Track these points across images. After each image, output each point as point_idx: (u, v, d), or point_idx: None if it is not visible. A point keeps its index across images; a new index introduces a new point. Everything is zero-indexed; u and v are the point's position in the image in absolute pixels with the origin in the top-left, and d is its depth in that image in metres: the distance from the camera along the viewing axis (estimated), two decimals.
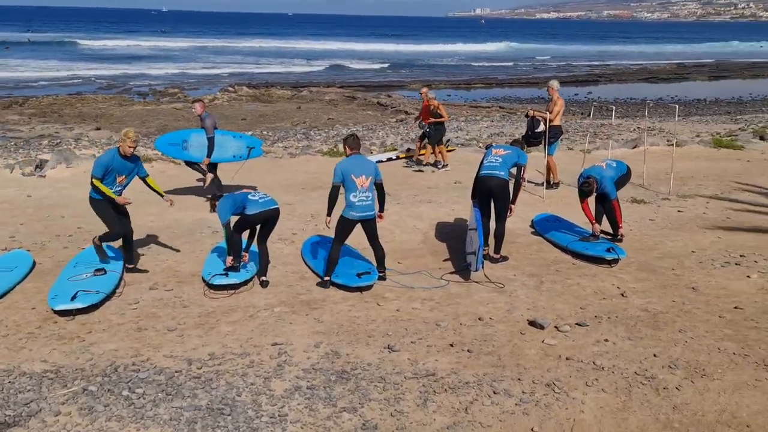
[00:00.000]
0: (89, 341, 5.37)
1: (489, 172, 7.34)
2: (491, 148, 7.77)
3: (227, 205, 6.68)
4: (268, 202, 6.78)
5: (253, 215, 6.69)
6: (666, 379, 4.80)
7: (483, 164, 7.48)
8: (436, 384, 4.82)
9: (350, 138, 6.84)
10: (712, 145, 14.59)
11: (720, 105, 29.02)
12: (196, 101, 10.50)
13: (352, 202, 6.61)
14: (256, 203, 6.70)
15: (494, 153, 7.51)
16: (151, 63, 45.49)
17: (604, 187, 7.75)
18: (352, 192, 6.58)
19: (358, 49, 63.86)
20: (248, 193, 6.82)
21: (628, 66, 52.30)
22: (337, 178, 6.62)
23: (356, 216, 6.68)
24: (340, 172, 6.61)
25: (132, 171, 6.92)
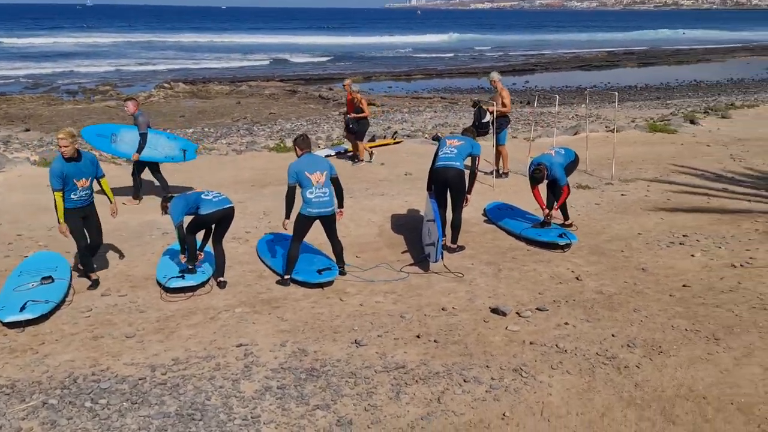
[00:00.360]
0: (43, 353, 5.14)
1: (445, 163, 7.42)
2: (445, 138, 7.83)
3: (180, 205, 6.52)
4: (223, 201, 6.65)
5: (208, 215, 6.54)
6: (626, 358, 4.99)
7: (438, 156, 7.54)
8: (407, 376, 4.85)
9: (300, 138, 6.84)
10: (648, 130, 15.18)
11: (650, 91, 30.20)
12: (128, 99, 10.15)
13: (309, 198, 6.58)
14: (210, 202, 6.55)
15: (449, 144, 7.58)
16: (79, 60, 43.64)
17: (554, 173, 7.95)
18: (308, 189, 6.56)
19: (297, 42, 63.01)
20: (201, 193, 6.67)
21: (562, 54, 53.72)
22: (291, 179, 6.60)
23: (314, 212, 6.64)
24: (294, 172, 6.60)
25: (90, 172, 6.54)
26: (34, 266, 6.68)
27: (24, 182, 10.68)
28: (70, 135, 6.31)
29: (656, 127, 15.29)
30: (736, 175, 11.00)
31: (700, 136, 14.60)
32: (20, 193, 10.06)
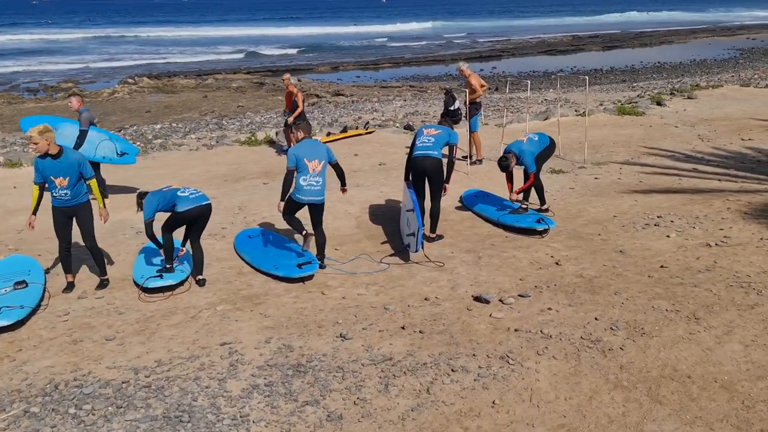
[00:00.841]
0: (21, 360, 5.01)
1: (423, 152, 7.40)
2: (422, 128, 7.80)
3: (153, 202, 6.39)
4: (200, 197, 6.53)
5: (184, 212, 6.42)
6: (610, 340, 5.06)
7: (416, 145, 7.51)
8: (395, 368, 4.85)
9: (303, 123, 6.92)
10: (616, 113, 15.37)
11: (615, 74, 30.59)
12: (72, 95, 9.82)
13: (301, 185, 6.69)
14: (186, 199, 6.43)
15: (426, 133, 7.55)
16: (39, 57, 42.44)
17: (522, 161, 7.99)
18: (303, 176, 6.67)
19: (266, 34, 61.89)
20: (178, 189, 6.53)
21: (528, 40, 54.03)
22: (291, 163, 6.71)
23: (304, 200, 6.72)
24: (294, 156, 6.70)
25: (72, 171, 6.11)
26: (6, 270, 6.49)
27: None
28: (39, 132, 6.04)
29: (624, 109, 15.49)
30: (705, 155, 11.22)
31: (667, 117, 14.84)
32: None
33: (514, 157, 8.01)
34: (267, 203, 9.32)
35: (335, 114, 20.06)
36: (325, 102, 24.41)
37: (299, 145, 6.85)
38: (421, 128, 7.79)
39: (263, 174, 11.25)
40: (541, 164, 8.22)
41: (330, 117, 19.29)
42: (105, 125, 20.18)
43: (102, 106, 24.41)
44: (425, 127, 7.80)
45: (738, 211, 8.05)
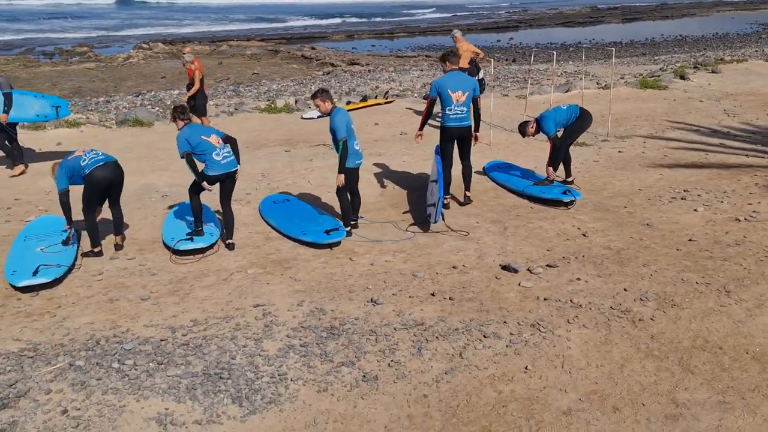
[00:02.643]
0: (61, 316, 5.12)
1: (457, 123, 7.36)
2: (448, 89, 7.25)
3: (191, 138, 6.35)
4: (230, 164, 6.55)
5: (214, 177, 6.47)
6: (640, 311, 5.10)
7: (447, 114, 7.34)
8: (427, 333, 4.92)
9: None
10: (639, 86, 15.19)
11: (635, 47, 30.14)
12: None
13: (356, 150, 6.86)
14: (218, 164, 6.46)
15: (455, 100, 7.27)
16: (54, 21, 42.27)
17: (541, 126, 7.96)
18: (354, 140, 6.84)
19: (278, 3, 61.12)
20: (214, 150, 6.45)
21: (545, 11, 53.21)
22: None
23: (357, 164, 6.94)
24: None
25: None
26: (38, 230, 6.59)
27: None
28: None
29: (647, 83, 15.31)
30: (731, 129, 11.11)
31: (691, 91, 14.66)
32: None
33: (535, 123, 8.00)
34: (290, 170, 9.36)
35: (352, 83, 19.97)
36: (340, 71, 24.26)
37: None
38: (446, 88, 7.26)
39: (285, 141, 11.27)
40: (573, 137, 8.14)
41: (347, 86, 19.21)
42: (121, 90, 20.20)
43: (117, 71, 24.41)
44: (451, 88, 7.26)
45: (766, 186, 8.00)
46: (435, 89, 7.32)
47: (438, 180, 7.08)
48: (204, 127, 6.78)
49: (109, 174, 6.17)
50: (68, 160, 6.20)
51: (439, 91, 7.30)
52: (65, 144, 10.82)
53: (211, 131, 6.57)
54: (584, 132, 8.36)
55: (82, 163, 6.07)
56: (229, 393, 4.18)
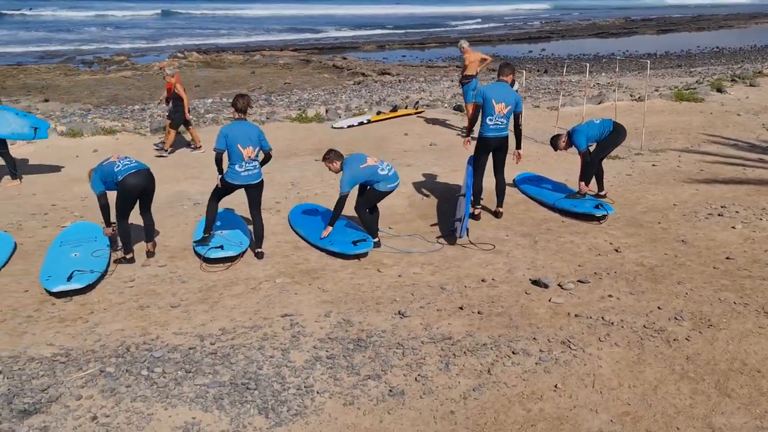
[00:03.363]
0: (93, 322, 5.20)
1: (497, 134, 7.33)
2: (491, 99, 7.20)
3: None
4: (251, 176, 6.57)
5: (230, 184, 6.51)
6: (675, 330, 4.97)
7: (487, 124, 7.29)
8: (454, 347, 4.86)
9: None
10: (674, 99, 14.93)
11: (670, 58, 29.64)
12: None
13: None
14: (237, 175, 6.49)
15: (497, 111, 7.21)
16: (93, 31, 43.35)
17: (573, 140, 7.87)
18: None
19: (329, 14, 61.34)
20: (239, 161, 6.49)
21: (578, 22, 52.77)
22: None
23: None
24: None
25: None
26: (74, 236, 6.72)
27: (53, 153, 10.71)
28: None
29: (682, 95, 15.03)
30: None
31: (729, 104, 14.35)
32: (51, 164, 10.10)
33: (567, 136, 7.92)
34: (319, 179, 9.39)
35: (382, 93, 20.01)
36: (371, 81, 24.34)
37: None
38: (491, 97, 7.20)
39: (315, 150, 11.32)
40: (605, 151, 8.04)
41: (377, 96, 19.25)
42: (156, 98, 20.57)
43: (153, 79, 24.85)
44: (495, 98, 7.20)
45: None
46: (480, 96, 7.29)
47: (466, 194, 7.04)
48: (245, 134, 6.40)
49: (141, 181, 6.26)
50: (103, 165, 6.32)
51: (483, 98, 7.26)
52: (101, 151, 11.04)
53: (249, 142, 6.40)
54: (618, 146, 8.24)
55: (116, 170, 6.18)
56: (256, 404, 4.18)
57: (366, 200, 6.90)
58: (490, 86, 7.38)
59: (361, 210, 6.89)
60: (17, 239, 6.89)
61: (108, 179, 6.20)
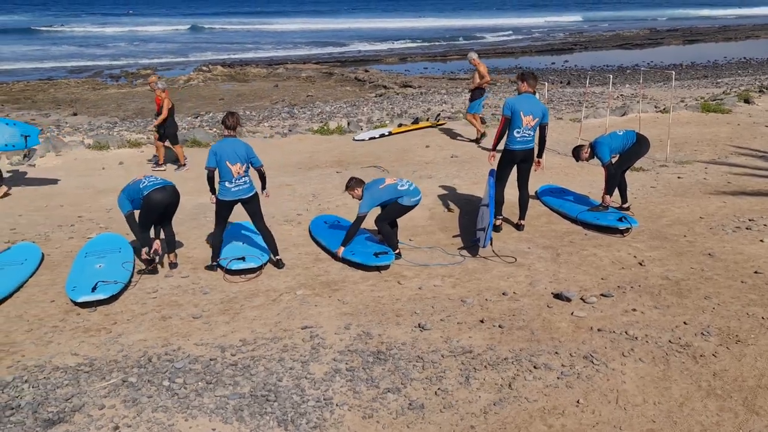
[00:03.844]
0: (116, 332, 5.26)
1: (524, 146, 7.30)
2: (519, 110, 7.14)
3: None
4: (242, 191, 6.54)
5: (223, 201, 6.55)
6: (701, 346, 4.87)
7: (514, 136, 7.25)
8: (475, 361, 4.82)
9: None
10: (700, 110, 14.72)
11: (697, 69, 29.29)
12: None
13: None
14: (228, 191, 6.48)
15: (525, 123, 7.18)
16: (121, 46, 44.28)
17: (596, 151, 7.80)
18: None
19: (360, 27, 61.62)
20: (228, 178, 6.48)
21: (602, 33, 52.44)
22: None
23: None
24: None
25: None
26: (99, 247, 6.82)
27: (80, 165, 10.92)
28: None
29: (709, 106, 14.81)
30: None
31: (756, 116, 14.10)
32: (78, 176, 10.30)
33: (589, 148, 7.86)
34: (340, 191, 9.41)
35: (404, 105, 20.07)
36: (393, 93, 24.44)
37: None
38: (519, 109, 7.16)
39: (336, 163, 11.38)
40: (628, 163, 7.99)
41: (399, 108, 19.32)
42: (181, 111, 20.88)
43: (178, 92, 25.24)
44: (523, 110, 7.15)
45: None
46: (509, 108, 7.18)
47: (489, 204, 7.00)
48: (233, 151, 6.37)
49: (166, 197, 6.36)
50: (129, 185, 6.48)
51: (512, 111, 7.18)
52: (127, 163, 11.24)
53: (237, 159, 6.36)
54: (641, 158, 8.14)
55: (141, 186, 6.32)
56: (275, 416, 4.18)
57: (387, 214, 6.90)
58: (518, 99, 7.28)
59: (382, 224, 6.90)
60: (45, 250, 7.01)
61: (135, 197, 6.33)
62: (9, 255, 6.65)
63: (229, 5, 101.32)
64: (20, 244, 7.05)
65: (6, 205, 8.80)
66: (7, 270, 6.21)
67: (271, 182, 9.98)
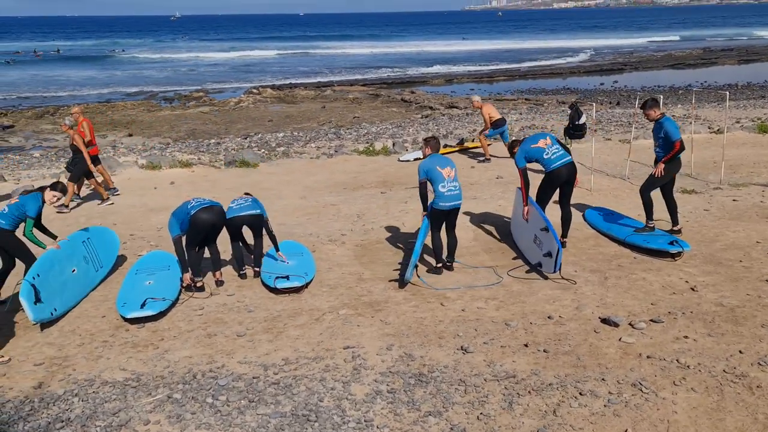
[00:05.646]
0: (163, 348, 5.38)
1: (563, 161, 7.38)
2: (533, 143, 7.50)
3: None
4: (242, 208, 6.99)
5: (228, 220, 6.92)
6: (758, 377, 4.66)
7: (548, 158, 7.39)
8: (518, 386, 4.73)
9: (431, 139, 7.20)
10: (756, 131, 14.24)
11: (753, 89, 28.38)
12: None
13: (441, 192, 6.86)
14: (231, 210, 6.98)
15: (547, 145, 7.43)
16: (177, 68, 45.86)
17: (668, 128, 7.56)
18: (440, 183, 6.86)
19: (405, 51, 62.31)
20: (233, 201, 7.15)
21: (653, 53, 51.51)
22: (422, 176, 6.93)
23: (446, 206, 6.90)
24: (424, 170, 6.91)
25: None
26: (149, 265, 7.00)
27: (133, 185, 11.29)
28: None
29: (766, 127, 14.32)
30: None
31: None
32: (131, 195, 10.64)
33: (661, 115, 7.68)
34: (384, 212, 9.46)
35: (450, 126, 20.08)
36: (438, 114, 24.49)
37: (428, 159, 7.00)
38: (530, 144, 7.52)
39: (381, 183, 11.45)
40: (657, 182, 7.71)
41: (444, 129, 19.33)
42: (231, 133, 21.43)
43: (229, 114, 25.93)
44: (533, 141, 7.53)
45: None
46: (523, 152, 7.51)
47: (549, 228, 6.84)
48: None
49: (213, 217, 6.56)
50: (179, 207, 6.73)
51: (527, 153, 7.48)
52: (178, 183, 11.56)
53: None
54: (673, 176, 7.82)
55: (189, 207, 6.56)
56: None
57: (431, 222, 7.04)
58: (524, 144, 7.57)
59: (434, 232, 7.06)
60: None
61: (183, 218, 6.53)
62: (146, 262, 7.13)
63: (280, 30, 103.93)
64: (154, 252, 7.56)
65: (63, 223, 9.14)
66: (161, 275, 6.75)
67: (315, 202, 10.18)
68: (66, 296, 6.14)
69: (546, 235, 6.81)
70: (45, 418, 4.40)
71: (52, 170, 13.00)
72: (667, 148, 7.55)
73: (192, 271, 6.63)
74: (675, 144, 7.47)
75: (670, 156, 7.53)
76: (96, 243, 7.08)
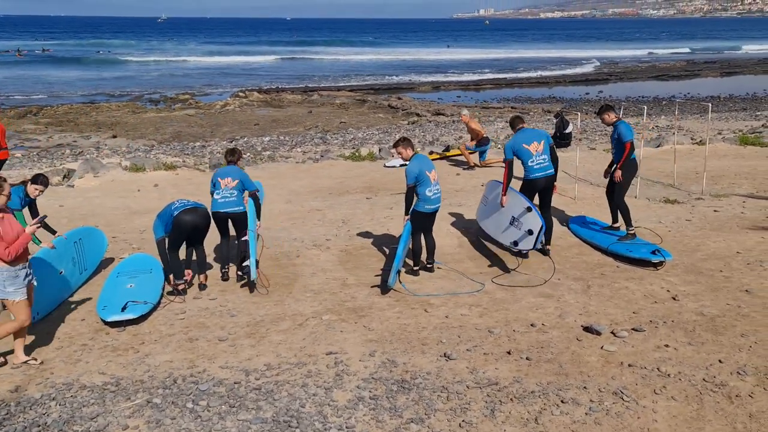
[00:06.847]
0: (143, 352, 5.31)
1: (543, 173, 7.54)
2: (522, 143, 7.54)
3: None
4: (225, 204, 7.01)
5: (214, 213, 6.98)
6: (737, 386, 4.70)
7: (530, 166, 7.53)
8: (501, 393, 4.73)
9: (406, 140, 7.31)
10: (738, 143, 14.44)
11: (735, 101, 28.82)
12: None
13: (427, 196, 6.97)
14: (215, 202, 6.99)
15: (536, 151, 7.50)
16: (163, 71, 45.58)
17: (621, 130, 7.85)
18: (427, 187, 6.95)
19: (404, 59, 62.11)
20: (216, 189, 7.08)
21: (637, 64, 52.12)
22: (411, 180, 6.97)
23: (431, 209, 7.07)
24: (414, 174, 6.96)
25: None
26: (130, 267, 6.93)
27: (117, 187, 11.18)
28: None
29: (747, 139, 14.53)
30: None
31: None
32: (114, 198, 10.54)
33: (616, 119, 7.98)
34: (369, 218, 9.44)
35: (436, 133, 20.14)
36: (425, 121, 24.57)
37: (415, 161, 7.02)
38: (520, 143, 7.53)
39: (366, 189, 11.44)
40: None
41: (431, 136, 19.39)
42: (217, 136, 21.31)
43: (215, 117, 25.78)
44: (525, 141, 7.54)
45: None
46: (510, 150, 7.60)
47: (532, 207, 7.09)
48: (227, 171, 7.15)
49: (196, 218, 6.53)
50: (164, 209, 6.69)
51: (514, 151, 7.58)
52: (162, 185, 11.46)
53: (227, 175, 7.06)
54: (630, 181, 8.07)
55: (173, 208, 6.52)
56: None
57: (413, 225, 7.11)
58: (515, 137, 7.63)
59: (414, 236, 7.12)
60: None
61: (167, 219, 6.49)
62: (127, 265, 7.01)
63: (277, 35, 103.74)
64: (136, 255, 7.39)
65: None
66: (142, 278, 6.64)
67: (300, 207, 10.14)
68: (50, 299, 6.04)
69: (529, 215, 7.08)
70: (21, 422, 4.32)
71: (34, 171, 12.83)
72: (622, 150, 7.81)
73: (174, 274, 6.57)
74: (626, 145, 7.77)
75: (624, 158, 7.81)
76: (86, 245, 6.99)
